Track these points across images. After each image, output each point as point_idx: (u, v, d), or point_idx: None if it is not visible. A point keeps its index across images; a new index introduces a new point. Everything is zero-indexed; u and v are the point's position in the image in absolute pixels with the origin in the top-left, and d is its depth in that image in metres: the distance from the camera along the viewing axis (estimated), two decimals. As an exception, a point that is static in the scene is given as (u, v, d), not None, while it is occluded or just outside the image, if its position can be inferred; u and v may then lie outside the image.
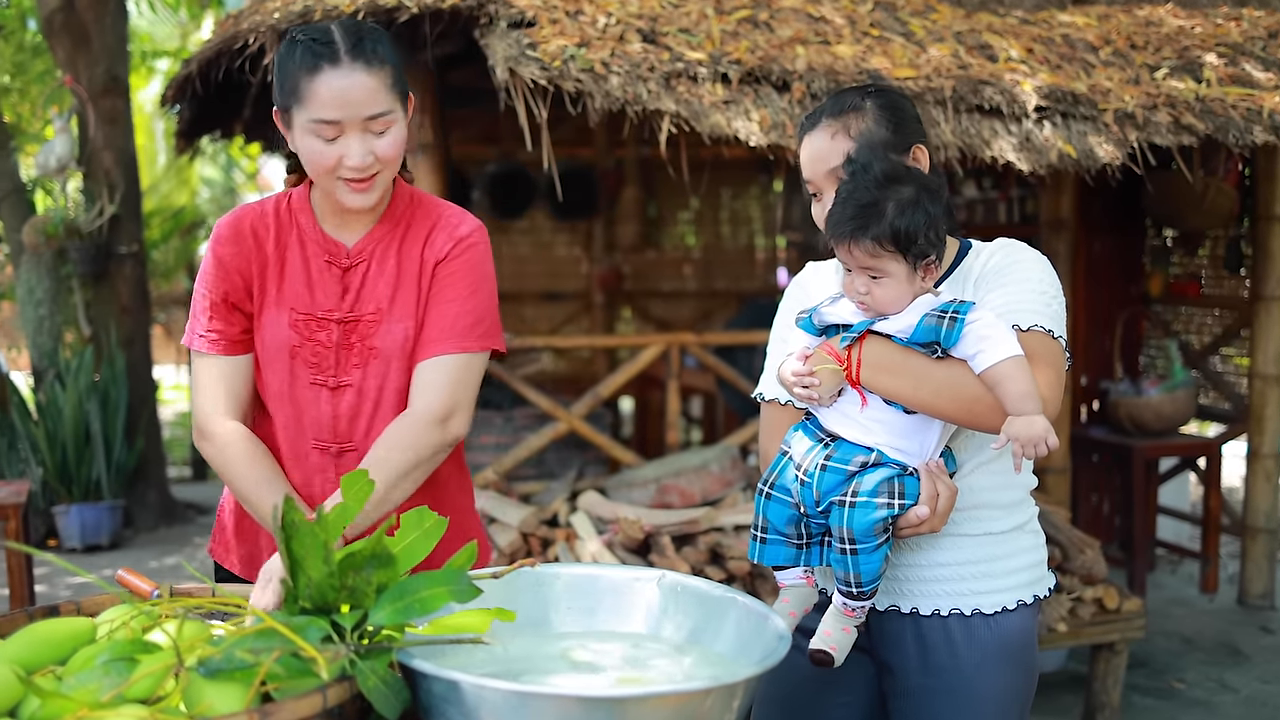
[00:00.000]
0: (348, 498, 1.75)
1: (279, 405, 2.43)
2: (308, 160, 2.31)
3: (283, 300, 2.41)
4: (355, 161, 2.28)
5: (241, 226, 2.45)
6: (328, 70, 2.25)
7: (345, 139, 2.27)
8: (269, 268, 2.43)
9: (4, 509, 4.86)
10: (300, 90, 2.26)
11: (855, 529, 2.14)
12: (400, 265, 2.44)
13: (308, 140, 2.29)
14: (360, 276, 2.43)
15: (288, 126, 2.33)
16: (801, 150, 2.42)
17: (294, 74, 2.27)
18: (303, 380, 2.41)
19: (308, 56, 2.26)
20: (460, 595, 1.61)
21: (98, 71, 8.45)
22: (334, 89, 2.24)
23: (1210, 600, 6.79)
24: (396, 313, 2.42)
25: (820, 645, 2.26)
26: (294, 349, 2.40)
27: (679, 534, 4.83)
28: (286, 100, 2.30)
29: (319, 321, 2.40)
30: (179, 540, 8.49)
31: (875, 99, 2.37)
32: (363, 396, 2.41)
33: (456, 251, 2.45)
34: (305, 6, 4.60)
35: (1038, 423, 2.03)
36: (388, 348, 2.40)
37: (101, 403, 8.37)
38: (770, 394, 2.49)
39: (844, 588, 2.22)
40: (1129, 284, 7.51)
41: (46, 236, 8.22)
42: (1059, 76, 4.88)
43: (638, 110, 4.25)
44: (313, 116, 2.26)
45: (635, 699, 1.56)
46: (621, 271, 11.08)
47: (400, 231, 2.46)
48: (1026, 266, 2.30)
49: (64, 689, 1.46)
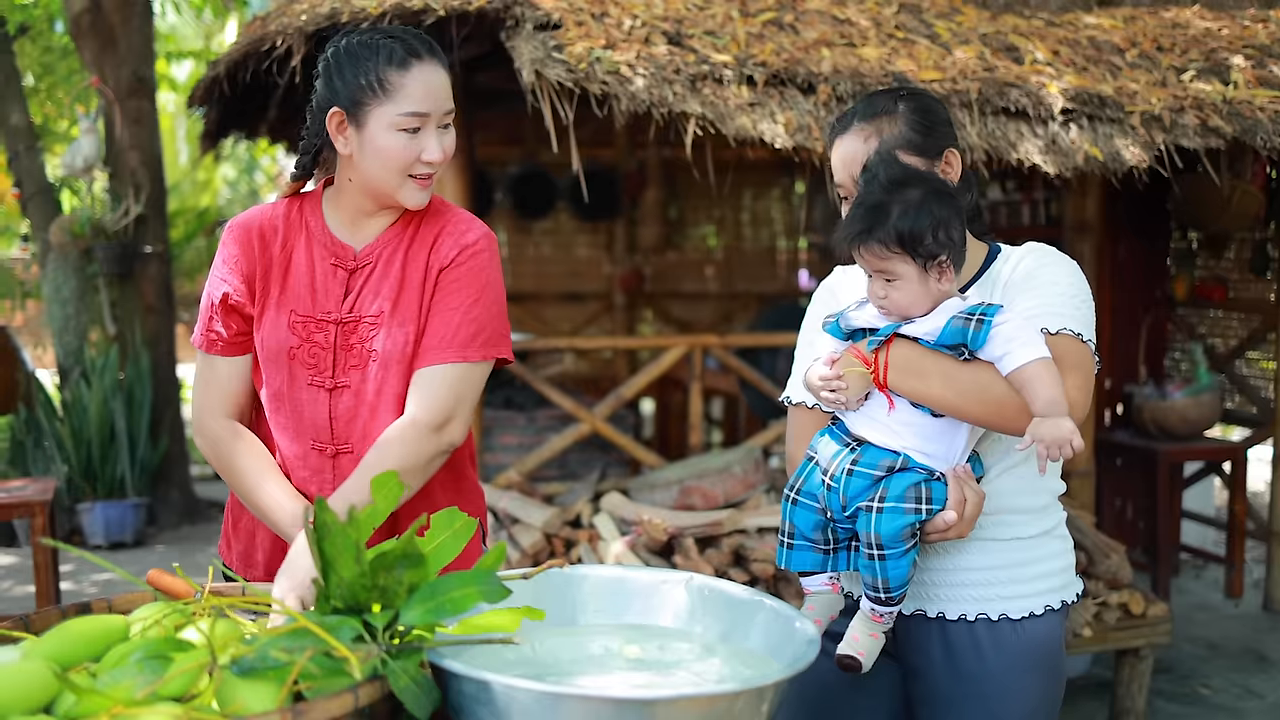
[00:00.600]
0: (378, 499, 1.75)
1: (279, 406, 2.44)
2: (385, 158, 2.34)
3: (284, 302, 2.43)
4: (434, 156, 2.35)
5: (250, 228, 2.48)
6: (417, 65, 2.33)
7: (424, 134, 2.35)
8: (273, 270, 2.45)
9: (31, 506, 4.88)
10: (388, 85, 2.31)
11: (883, 534, 2.14)
12: (405, 270, 2.45)
13: (389, 137, 2.33)
14: (364, 279, 2.44)
15: (358, 126, 2.34)
16: (833, 154, 2.42)
17: (379, 69, 2.31)
18: (301, 381, 2.42)
19: (397, 52, 2.32)
20: (490, 595, 1.62)
21: (124, 72, 8.51)
22: (424, 83, 2.33)
23: (1235, 606, 6.76)
24: (398, 317, 2.42)
25: (848, 651, 2.26)
26: (292, 350, 2.41)
27: (702, 536, 4.83)
28: (361, 97, 2.32)
29: (317, 323, 2.42)
30: (202, 538, 8.52)
31: (907, 102, 2.37)
32: (360, 399, 2.42)
33: (462, 258, 2.46)
34: (332, 9, 4.62)
35: (1064, 425, 2.03)
36: (387, 352, 2.41)
37: (126, 401, 8.41)
38: (798, 397, 2.49)
39: (872, 593, 2.22)
40: (1154, 287, 7.48)
41: (73, 236, 8.27)
42: (1085, 79, 4.86)
43: (663, 112, 4.25)
44: (404, 110, 2.31)
45: (665, 701, 1.57)
46: (643, 272, 11.08)
47: (409, 235, 2.48)
48: (1056, 270, 2.30)
49: (98, 686, 1.47)
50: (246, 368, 2.51)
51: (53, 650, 1.60)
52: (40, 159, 8.68)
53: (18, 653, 1.62)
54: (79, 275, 8.44)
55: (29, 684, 1.48)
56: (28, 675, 1.49)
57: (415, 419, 2.36)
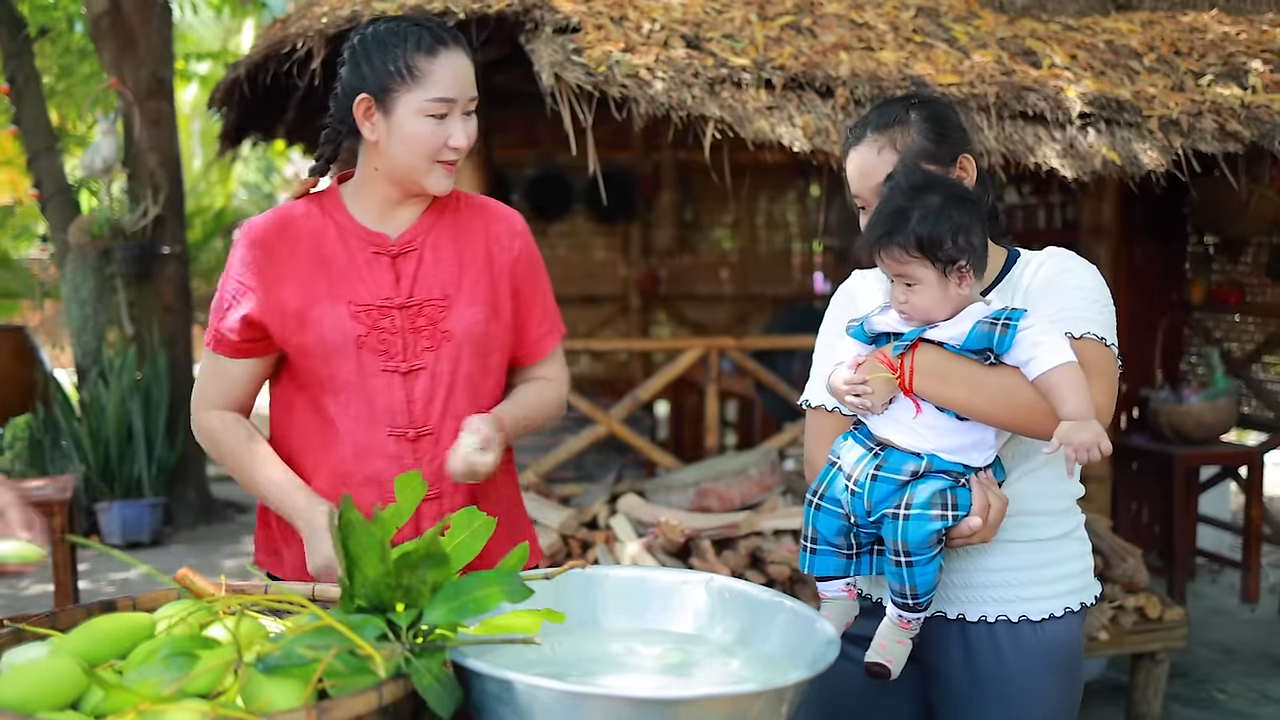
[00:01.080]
0: (401, 499, 1.77)
1: (349, 398, 2.43)
2: (412, 143, 2.38)
3: (336, 294, 2.43)
4: (462, 141, 2.39)
5: (270, 230, 2.49)
6: (444, 53, 2.37)
7: (451, 120, 2.38)
8: (307, 268, 2.45)
9: (50, 505, 4.91)
10: (417, 70, 2.35)
11: (910, 541, 2.15)
12: (461, 253, 2.51)
13: (416, 123, 2.36)
14: (415, 263, 2.47)
15: (384, 112, 2.38)
16: (848, 165, 2.43)
17: (406, 56, 2.35)
18: (372, 369, 2.42)
19: (425, 39, 2.37)
20: (513, 595, 1.63)
21: (143, 74, 8.54)
22: (451, 69, 2.37)
23: (1251, 610, 6.74)
24: (465, 297, 2.47)
25: (877, 658, 2.26)
26: (360, 338, 2.41)
27: (719, 538, 4.84)
28: (389, 83, 2.36)
29: (380, 309, 2.43)
30: (218, 538, 8.55)
31: (919, 110, 2.37)
32: (436, 380, 2.44)
33: (522, 247, 2.59)
34: (353, 11, 4.64)
35: (1091, 427, 2.04)
36: (460, 332, 2.45)
37: (144, 401, 8.45)
38: (816, 401, 2.49)
39: (900, 600, 2.22)
40: (1170, 291, 7.47)
41: (91, 236, 8.31)
42: (1103, 83, 4.86)
43: (682, 116, 4.26)
44: (431, 95, 2.35)
45: (687, 701, 1.58)
46: (658, 275, 11.10)
47: (449, 221, 2.53)
48: (1077, 274, 2.31)
49: (126, 683, 1.48)
50: (253, 371, 2.53)
51: (79, 647, 1.61)
52: (59, 160, 8.73)
53: (45, 649, 1.64)
54: (97, 275, 8.48)
55: (57, 680, 1.50)
56: (56, 671, 1.51)
57: (564, 393, 2.70)
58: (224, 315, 2.47)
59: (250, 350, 2.50)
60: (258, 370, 2.54)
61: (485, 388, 2.52)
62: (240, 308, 2.45)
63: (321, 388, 2.46)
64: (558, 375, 2.68)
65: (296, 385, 2.52)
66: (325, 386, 2.45)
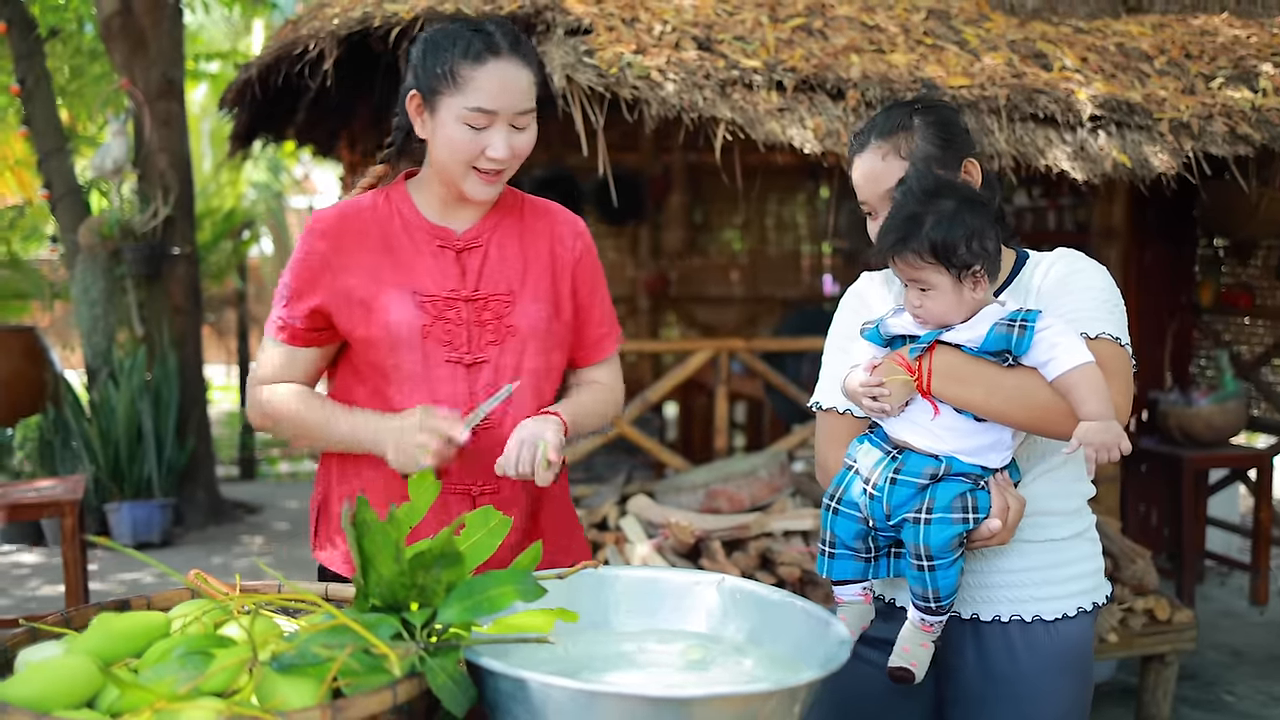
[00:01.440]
0: (416, 498, 1.78)
1: (414, 388, 2.43)
2: (451, 148, 2.38)
3: (403, 285, 2.44)
4: (500, 154, 2.37)
5: (340, 221, 2.49)
6: (492, 62, 2.35)
7: (492, 130, 2.37)
8: (376, 257, 2.46)
9: (61, 505, 4.92)
10: (460, 77, 2.34)
11: (932, 545, 2.15)
12: (525, 251, 2.53)
13: (456, 129, 2.36)
14: (480, 259, 2.49)
15: (430, 112, 2.39)
16: (854, 172, 2.43)
17: (454, 61, 2.34)
18: (437, 359, 2.43)
19: (474, 45, 2.35)
20: (526, 594, 1.63)
21: (153, 74, 8.56)
22: (496, 80, 2.35)
23: (1260, 613, 6.73)
24: (529, 294, 2.49)
25: (901, 663, 2.27)
26: (425, 329, 2.42)
27: (729, 539, 4.84)
28: (436, 85, 2.36)
29: (446, 301, 2.44)
30: (228, 539, 8.56)
31: (923, 116, 2.38)
32: (499, 374, 2.45)
33: (584, 250, 2.61)
34: (364, 13, 4.65)
35: (1112, 427, 2.05)
36: (524, 327, 2.47)
37: (153, 402, 8.46)
38: (827, 403, 2.49)
39: (921, 603, 2.23)
40: (1180, 293, 7.46)
41: (101, 237, 8.32)
42: (1114, 85, 4.86)
43: (693, 117, 4.27)
44: (470, 105, 2.34)
45: (700, 700, 1.58)
46: (667, 277, 11.08)
47: (514, 220, 2.55)
48: (1088, 275, 2.31)
49: (141, 681, 1.49)
50: (314, 360, 2.53)
51: (95, 646, 1.62)
52: (70, 161, 8.73)
53: (61, 648, 1.64)
54: (107, 276, 8.49)
55: (73, 678, 1.51)
56: (71, 670, 1.52)
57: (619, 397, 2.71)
58: (289, 303, 2.48)
59: (314, 339, 2.50)
60: (319, 359, 2.55)
61: (547, 384, 2.53)
62: (306, 296, 2.47)
63: (385, 378, 2.46)
64: (613, 381, 2.70)
65: (358, 377, 2.52)
66: (389, 377, 2.45)
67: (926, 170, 2.28)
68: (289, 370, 2.52)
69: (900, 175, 2.33)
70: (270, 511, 9.60)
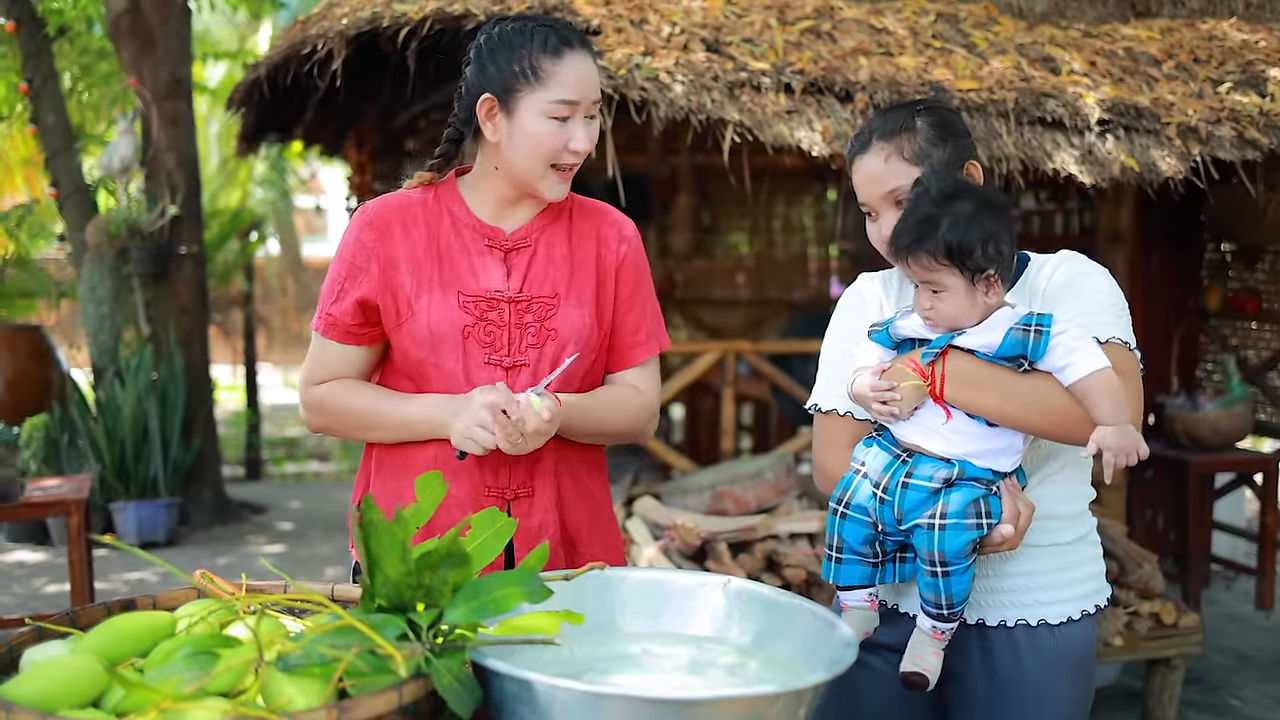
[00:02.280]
0: (422, 499, 1.78)
1: (453, 389, 2.41)
2: (534, 144, 2.36)
3: (447, 283, 2.42)
4: (583, 144, 2.38)
5: (389, 216, 2.48)
6: (569, 53, 2.36)
7: (574, 122, 2.37)
8: (422, 254, 2.45)
9: (67, 504, 4.93)
10: (542, 71, 2.33)
11: (947, 552, 2.15)
12: (573, 255, 2.51)
13: (539, 124, 2.35)
14: (527, 260, 2.47)
15: (508, 112, 2.37)
16: (854, 173, 2.41)
17: (532, 56, 2.34)
18: (477, 360, 2.41)
19: (550, 39, 2.35)
20: (532, 595, 1.63)
21: (161, 73, 8.56)
22: (578, 71, 2.36)
23: (1266, 617, 6.72)
24: (574, 298, 2.47)
25: (914, 669, 2.26)
26: (466, 329, 2.40)
27: (735, 541, 4.84)
28: (513, 84, 2.35)
29: (489, 301, 2.42)
30: (233, 539, 8.58)
31: (925, 117, 2.36)
32: (538, 378, 2.42)
33: (629, 253, 2.57)
34: (373, 14, 4.65)
35: (1129, 432, 2.05)
36: (566, 331, 2.45)
37: (160, 401, 8.47)
38: (827, 405, 2.47)
39: (934, 610, 2.22)
40: (1187, 298, 7.45)
41: (109, 236, 8.34)
42: (1122, 89, 4.86)
43: (701, 119, 4.27)
44: (555, 97, 2.34)
45: (705, 702, 1.58)
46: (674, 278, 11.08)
47: (564, 221, 2.53)
48: (1093, 279, 2.31)
49: (147, 681, 1.49)
50: (359, 359, 2.51)
51: (100, 645, 1.62)
52: (77, 159, 8.75)
53: (67, 647, 1.64)
54: (114, 275, 8.50)
55: (78, 678, 1.51)
56: (77, 669, 1.52)
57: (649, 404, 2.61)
58: (336, 298, 2.47)
59: (360, 337, 2.49)
60: (369, 358, 2.53)
61: (585, 391, 2.52)
62: (354, 290, 2.45)
63: (425, 378, 2.45)
64: (647, 387, 2.62)
65: (399, 376, 2.51)
66: (430, 376, 2.44)
67: (944, 171, 2.27)
68: (340, 368, 2.51)
69: (902, 177, 2.31)
70: (275, 512, 9.61)
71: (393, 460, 2.51)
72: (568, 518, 2.52)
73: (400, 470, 2.49)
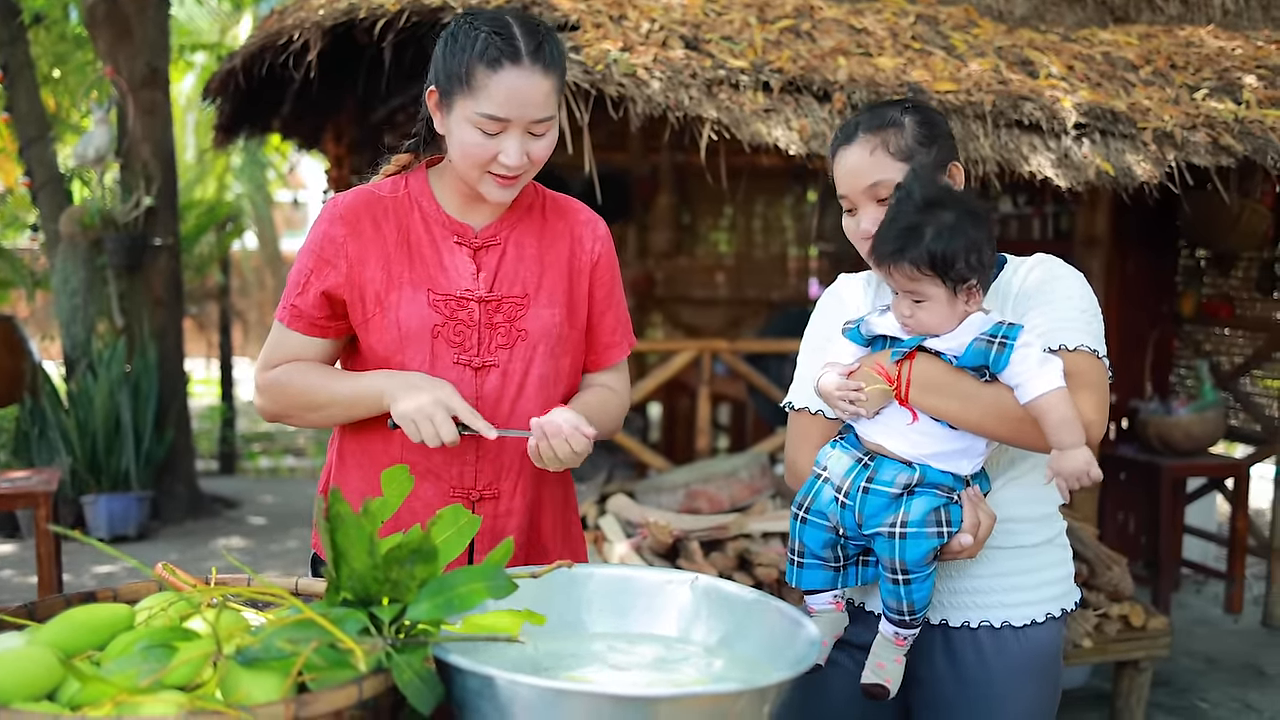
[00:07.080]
0: (388, 492, 1.76)
1: None
2: (462, 151, 2.30)
3: (418, 281, 2.38)
4: (512, 161, 2.28)
5: (359, 209, 2.43)
6: (507, 68, 2.24)
7: (506, 136, 2.28)
8: (392, 250, 2.41)
9: (35, 496, 4.89)
10: (473, 81, 2.24)
11: (908, 560, 2.15)
12: (543, 253, 2.47)
13: (467, 131, 2.28)
14: (497, 258, 2.43)
15: (445, 110, 2.32)
16: (836, 165, 2.39)
17: (469, 62, 2.25)
18: (445, 360, 2.38)
19: (490, 49, 2.24)
20: (497, 591, 1.62)
21: (138, 63, 8.51)
22: (510, 89, 2.24)
23: (1235, 621, 6.76)
24: (544, 298, 2.44)
25: (875, 679, 2.26)
26: (436, 328, 2.37)
27: (708, 539, 4.83)
28: (451, 85, 2.28)
29: (459, 300, 2.38)
30: (205, 533, 8.54)
31: (912, 115, 2.35)
32: (507, 378, 2.40)
33: (602, 253, 2.55)
34: (350, 4, 4.63)
35: (1079, 456, 2.05)
36: (536, 331, 2.42)
37: (132, 394, 8.42)
38: (800, 403, 2.47)
39: (896, 616, 2.22)
40: (1161, 303, 7.48)
41: (83, 227, 8.29)
42: (1099, 94, 4.86)
43: (679, 116, 4.26)
44: (481, 111, 2.25)
45: (667, 699, 1.57)
46: (653, 277, 11.08)
47: (535, 219, 2.49)
48: (1067, 284, 2.30)
49: (103, 674, 1.47)
50: (318, 350, 2.46)
51: (57, 638, 1.60)
52: (52, 149, 8.69)
53: (22, 639, 1.62)
54: (88, 266, 8.45)
55: (33, 670, 1.48)
56: (32, 661, 1.50)
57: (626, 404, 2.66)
58: (302, 289, 2.42)
59: (324, 330, 2.44)
60: (329, 351, 2.49)
61: (556, 391, 2.48)
62: (319, 283, 2.41)
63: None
64: (621, 387, 2.64)
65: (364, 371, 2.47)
66: None
67: (928, 177, 2.25)
68: (298, 356, 2.46)
69: (886, 171, 2.30)
70: (249, 506, 9.57)
71: (358, 453, 2.49)
72: (533, 519, 2.51)
73: (366, 463, 2.47)
